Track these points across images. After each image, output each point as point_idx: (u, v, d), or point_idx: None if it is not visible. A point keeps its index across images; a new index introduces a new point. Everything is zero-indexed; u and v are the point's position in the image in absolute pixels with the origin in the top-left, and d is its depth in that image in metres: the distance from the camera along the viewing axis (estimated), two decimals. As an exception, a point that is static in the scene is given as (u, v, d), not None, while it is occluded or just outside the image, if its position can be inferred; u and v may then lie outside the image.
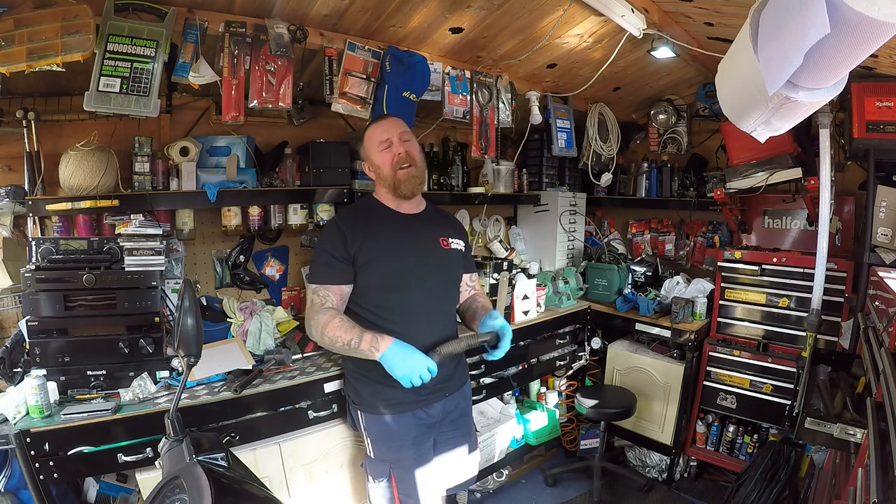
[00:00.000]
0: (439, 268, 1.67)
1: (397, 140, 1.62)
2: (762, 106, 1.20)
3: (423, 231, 1.68)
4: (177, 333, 1.06)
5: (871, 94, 2.12)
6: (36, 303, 1.65)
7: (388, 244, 1.60)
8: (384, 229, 1.62)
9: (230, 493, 0.92)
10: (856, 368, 1.84)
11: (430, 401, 1.64)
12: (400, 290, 1.59)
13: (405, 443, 1.62)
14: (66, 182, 1.76)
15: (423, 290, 1.61)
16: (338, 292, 1.57)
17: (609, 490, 2.76)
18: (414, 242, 1.64)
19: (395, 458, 1.63)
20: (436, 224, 1.74)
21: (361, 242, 1.57)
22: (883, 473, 0.92)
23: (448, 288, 1.73)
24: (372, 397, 1.62)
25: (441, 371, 1.52)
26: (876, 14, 0.80)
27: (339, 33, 2.03)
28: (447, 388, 1.68)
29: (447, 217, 1.84)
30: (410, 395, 1.55)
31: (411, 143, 1.65)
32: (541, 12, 2.00)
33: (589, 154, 3.12)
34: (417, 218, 1.70)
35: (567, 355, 2.96)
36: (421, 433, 1.64)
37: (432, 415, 1.66)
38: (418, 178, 1.64)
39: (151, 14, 1.63)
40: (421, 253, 1.64)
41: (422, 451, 1.65)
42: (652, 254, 3.43)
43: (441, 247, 1.69)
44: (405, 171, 1.60)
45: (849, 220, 2.61)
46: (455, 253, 1.73)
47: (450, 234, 1.73)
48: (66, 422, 1.50)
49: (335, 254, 1.56)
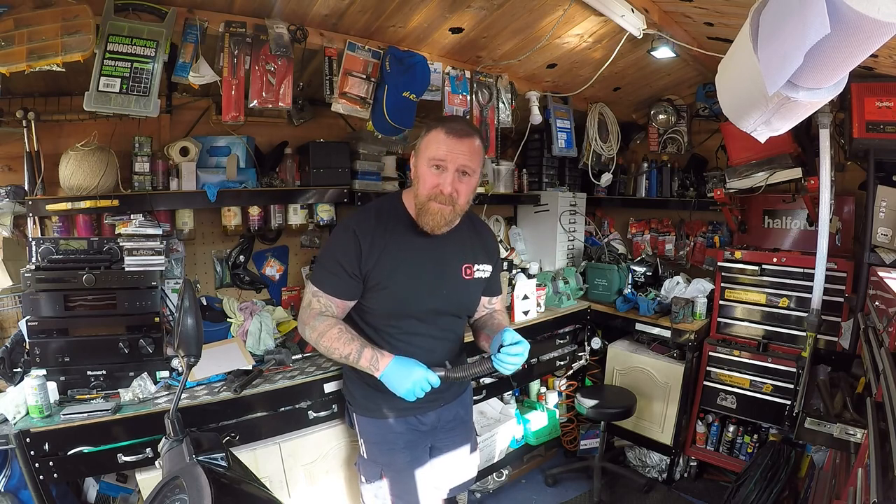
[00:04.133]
0: (453, 301, 1.53)
1: (453, 172, 1.37)
2: (762, 106, 1.20)
3: (445, 255, 1.51)
4: (177, 333, 1.06)
5: (871, 94, 2.12)
6: (36, 303, 1.65)
7: (402, 267, 1.46)
8: (401, 246, 1.46)
9: (230, 493, 0.92)
10: (856, 368, 1.84)
11: (424, 409, 1.59)
12: (405, 318, 1.49)
13: (397, 446, 1.58)
14: (66, 182, 1.76)
15: (430, 323, 1.51)
16: (341, 306, 1.48)
17: (609, 490, 2.76)
18: (431, 269, 1.49)
19: (387, 460, 1.59)
20: (464, 246, 1.55)
21: (376, 261, 1.44)
22: (883, 473, 0.92)
23: (460, 321, 1.61)
24: (365, 400, 1.59)
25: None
26: (876, 14, 0.80)
27: (339, 33, 2.02)
28: (443, 398, 1.62)
29: (480, 233, 1.62)
30: (404, 402, 1.45)
31: (467, 182, 1.41)
32: (541, 12, 2.00)
33: (589, 154, 3.12)
34: (445, 238, 1.50)
35: (567, 355, 2.96)
36: (415, 438, 1.60)
37: (425, 422, 1.61)
38: (448, 218, 1.42)
39: (151, 14, 1.63)
40: (436, 282, 1.49)
41: (416, 454, 1.61)
42: (652, 254, 3.42)
43: (462, 276, 1.53)
44: (440, 207, 1.39)
45: (849, 220, 2.61)
46: (477, 283, 1.57)
47: (477, 259, 1.56)
48: (66, 422, 1.50)
49: (346, 268, 1.44)
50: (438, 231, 1.44)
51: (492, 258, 1.61)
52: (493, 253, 1.63)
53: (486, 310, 1.69)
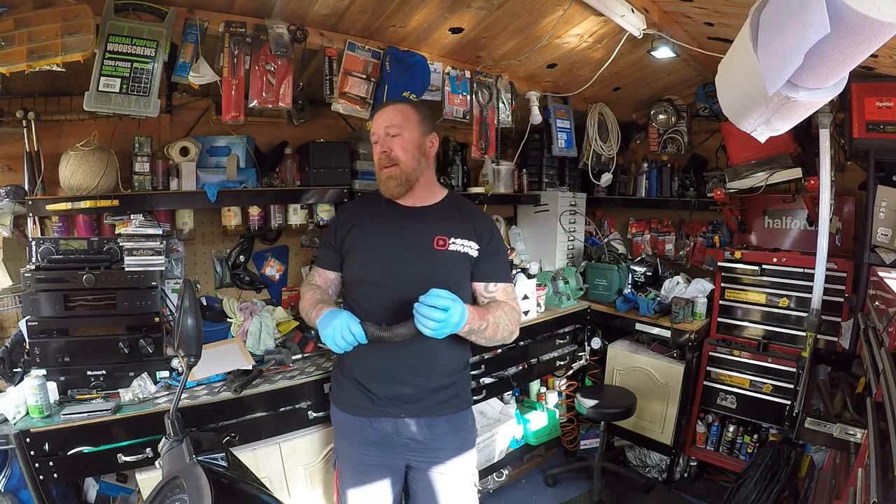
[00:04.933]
0: (425, 269, 1.47)
1: (382, 135, 1.49)
2: (762, 106, 1.20)
3: (416, 227, 1.52)
4: (177, 333, 1.06)
5: (871, 94, 2.12)
6: (36, 303, 1.65)
7: (370, 235, 1.52)
8: (373, 220, 1.55)
9: (230, 493, 0.92)
10: (856, 368, 1.84)
11: (378, 414, 1.49)
12: (372, 285, 1.49)
13: (349, 441, 1.55)
14: (66, 182, 1.76)
15: (398, 290, 1.43)
16: (323, 275, 1.61)
17: (609, 490, 2.76)
18: (399, 238, 1.50)
19: (340, 450, 1.60)
20: (440, 221, 1.53)
21: (348, 231, 1.55)
22: (883, 473, 0.92)
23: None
24: (335, 387, 1.62)
25: (400, 388, 1.46)
26: (876, 14, 0.79)
27: (339, 33, 2.02)
28: (403, 410, 1.48)
29: (465, 215, 1.57)
30: (361, 400, 1.49)
31: (398, 139, 1.47)
32: (541, 12, 2.00)
33: (589, 154, 3.12)
34: (419, 212, 1.54)
35: (567, 355, 2.96)
36: (376, 441, 1.51)
37: (380, 430, 1.50)
38: (397, 178, 1.47)
39: (151, 14, 1.63)
40: (404, 250, 1.49)
41: (374, 458, 1.52)
42: (652, 254, 3.43)
43: (433, 247, 1.49)
44: (386, 171, 1.48)
45: (849, 220, 2.61)
46: (456, 255, 1.50)
47: (454, 233, 1.51)
48: (65, 422, 1.50)
49: (328, 239, 1.60)
50: (396, 193, 1.51)
51: (479, 238, 1.54)
52: (482, 233, 1.55)
53: (484, 299, 1.56)
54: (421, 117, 1.52)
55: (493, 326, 1.44)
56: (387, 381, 1.48)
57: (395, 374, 1.47)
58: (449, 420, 1.54)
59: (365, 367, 1.50)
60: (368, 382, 1.50)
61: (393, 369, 1.47)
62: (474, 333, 1.41)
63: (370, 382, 1.49)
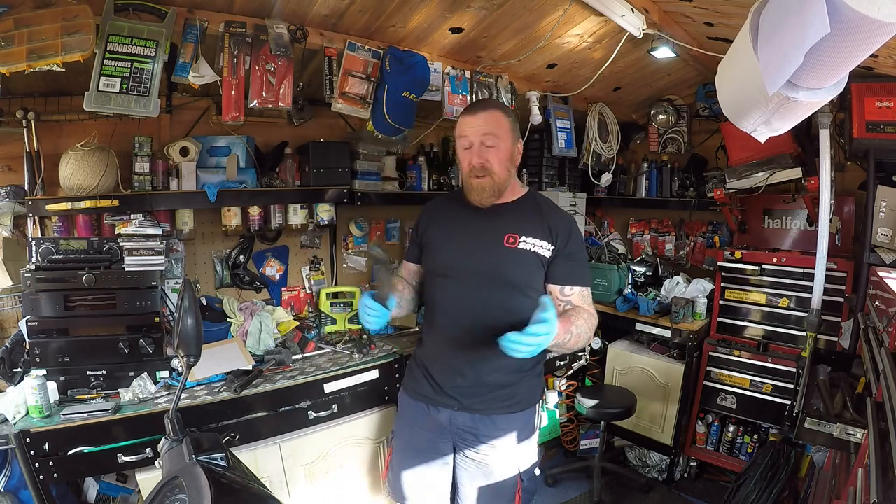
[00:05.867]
0: (494, 265, 1.49)
1: (478, 145, 1.46)
2: (762, 106, 1.20)
3: (489, 224, 1.53)
4: (177, 333, 1.06)
5: (871, 94, 2.11)
6: (36, 303, 1.65)
7: (445, 230, 1.60)
8: (449, 217, 1.61)
9: (230, 493, 0.92)
10: (856, 368, 1.84)
11: (438, 403, 1.55)
12: (442, 277, 1.55)
13: (409, 422, 1.63)
14: (66, 182, 1.76)
15: (467, 285, 1.50)
16: (407, 268, 1.70)
17: (609, 490, 2.76)
18: (471, 234, 1.54)
19: (397, 428, 1.68)
20: (514, 219, 1.54)
21: (426, 227, 1.63)
22: (883, 473, 0.92)
23: (504, 290, 1.50)
24: (407, 374, 1.70)
25: (457, 379, 1.50)
26: (876, 14, 0.80)
27: (339, 33, 2.03)
28: (457, 404, 1.52)
29: (542, 215, 1.55)
30: (425, 388, 1.57)
31: (495, 150, 1.47)
32: (541, 12, 2.00)
33: (589, 154, 3.12)
34: (493, 209, 1.54)
35: (567, 355, 2.95)
36: (428, 425, 1.57)
37: (436, 419, 1.56)
38: (489, 190, 1.48)
39: (151, 14, 1.63)
40: (474, 245, 1.52)
41: (425, 436, 1.58)
42: (652, 254, 3.42)
43: (504, 244, 1.50)
44: (479, 181, 1.48)
45: (849, 220, 2.61)
46: (526, 254, 1.49)
47: (526, 232, 1.50)
48: (65, 422, 1.51)
49: (413, 234, 1.71)
50: (487, 203, 1.51)
51: (554, 238, 1.52)
52: (557, 234, 1.52)
53: (560, 301, 1.52)
54: (512, 125, 1.52)
55: (575, 337, 1.40)
56: (447, 370, 1.54)
57: (455, 365, 1.52)
58: (507, 419, 1.54)
59: (431, 356, 1.59)
60: (432, 370, 1.57)
61: (453, 359, 1.52)
62: (558, 346, 1.38)
63: (434, 370, 1.56)
